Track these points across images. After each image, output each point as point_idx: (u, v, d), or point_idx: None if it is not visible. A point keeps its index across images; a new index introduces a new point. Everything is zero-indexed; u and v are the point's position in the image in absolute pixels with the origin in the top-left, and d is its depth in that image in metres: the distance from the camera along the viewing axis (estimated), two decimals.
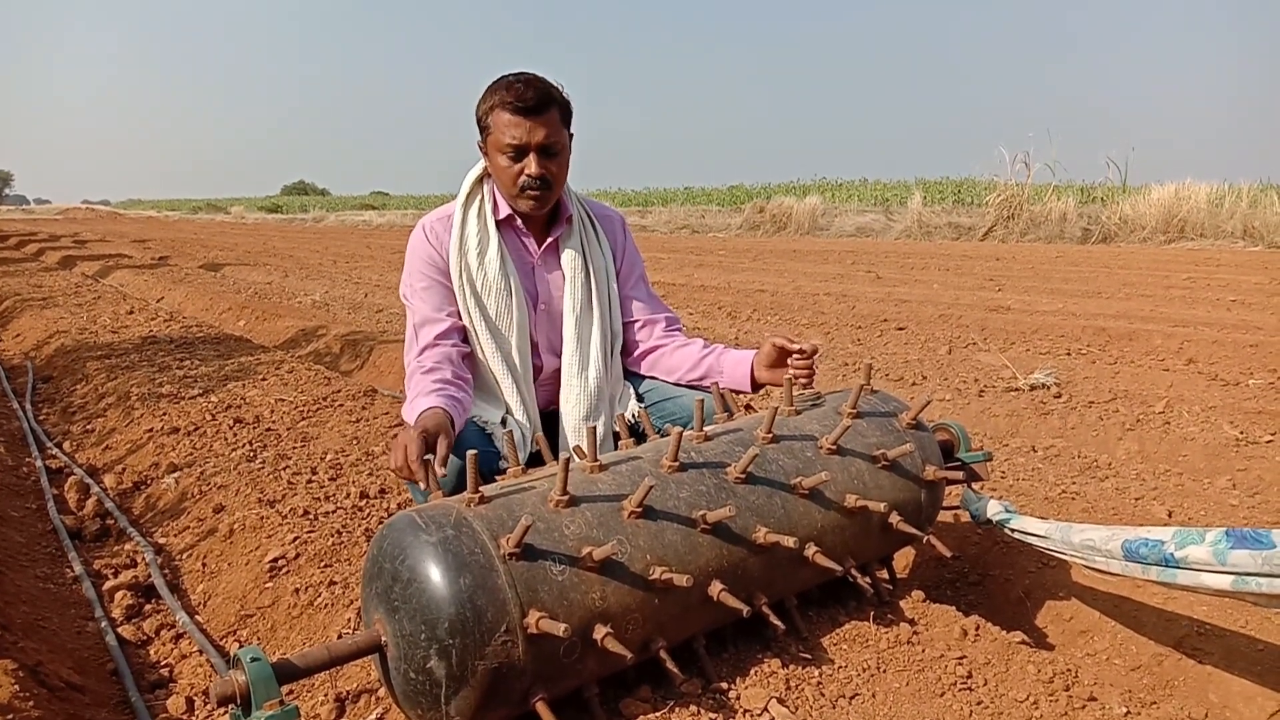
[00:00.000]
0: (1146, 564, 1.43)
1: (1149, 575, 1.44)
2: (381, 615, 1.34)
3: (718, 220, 21.63)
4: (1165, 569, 1.40)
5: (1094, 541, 1.54)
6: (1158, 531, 1.44)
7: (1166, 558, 1.39)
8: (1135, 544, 1.45)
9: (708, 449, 1.62)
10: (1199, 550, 1.33)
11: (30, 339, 5.95)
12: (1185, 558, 1.36)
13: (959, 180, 21.62)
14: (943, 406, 3.76)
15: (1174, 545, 1.38)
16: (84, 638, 2.05)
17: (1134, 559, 1.46)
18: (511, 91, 1.92)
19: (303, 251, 15.58)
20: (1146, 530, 1.47)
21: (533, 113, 1.92)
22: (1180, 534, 1.39)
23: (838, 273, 9.78)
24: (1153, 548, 1.42)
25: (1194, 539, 1.35)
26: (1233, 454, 3.02)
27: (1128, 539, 1.47)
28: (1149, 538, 1.44)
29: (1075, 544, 1.59)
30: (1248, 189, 13.59)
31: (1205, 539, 1.33)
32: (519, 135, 1.93)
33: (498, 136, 1.96)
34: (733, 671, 1.55)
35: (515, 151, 1.96)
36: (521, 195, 2.01)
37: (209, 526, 2.53)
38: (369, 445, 3.14)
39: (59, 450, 3.48)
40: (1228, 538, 1.30)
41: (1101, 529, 1.55)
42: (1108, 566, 1.53)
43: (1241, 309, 6.15)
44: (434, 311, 2.06)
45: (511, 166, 1.97)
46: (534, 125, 1.93)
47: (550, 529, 1.36)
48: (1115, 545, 1.49)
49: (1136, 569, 1.46)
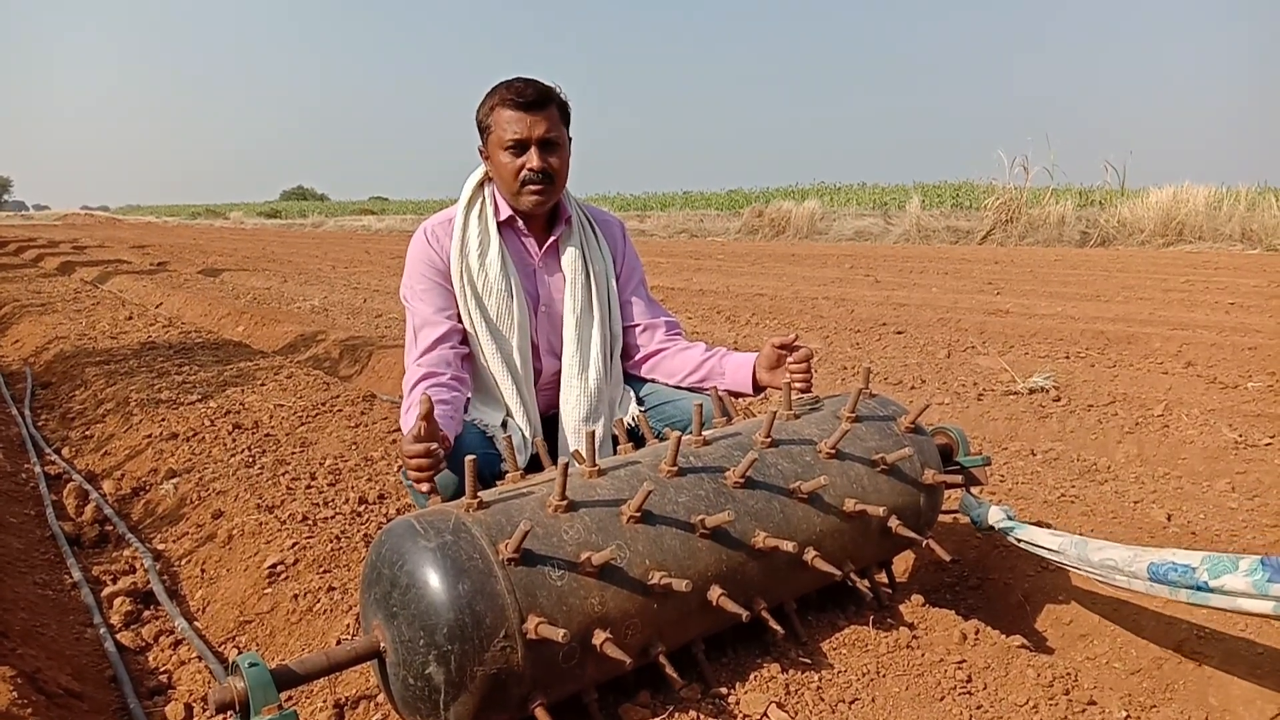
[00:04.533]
0: (1175, 587, 1.41)
1: (1177, 597, 1.42)
2: (380, 621, 1.34)
3: (716, 224, 21.67)
4: (1196, 593, 1.38)
5: (1115, 562, 1.52)
6: (1185, 555, 1.41)
7: (1199, 585, 1.37)
8: (1163, 568, 1.43)
9: (706, 453, 1.62)
10: (1236, 580, 1.31)
11: (29, 345, 5.95)
12: (1221, 586, 1.33)
13: (957, 184, 21.63)
14: (942, 410, 3.76)
15: (1206, 573, 1.36)
16: (82, 644, 2.05)
17: (1161, 582, 1.43)
18: (511, 89, 1.96)
19: (301, 257, 15.59)
20: (1172, 553, 1.44)
21: (533, 108, 1.96)
22: (1210, 560, 1.36)
23: (836, 277, 9.79)
24: (1182, 573, 1.39)
25: (1227, 567, 1.33)
26: (1231, 457, 3.02)
27: (1153, 561, 1.45)
28: (1176, 562, 1.41)
29: (1094, 562, 1.57)
30: (1246, 192, 13.61)
31: (1239, 567, 1.31)
32: (520, 130, 1.96)
33: (499, 134, 1.98)
34: (732, 676, 1.55)
35: (517, 146, 1.98)
36: (523, 190, 2.02)
37: (208, 532, 2.53)
38: (368, 450, 3.14)
39: (58, 456, 3.47)
40: (1264, 567, 1.28)
41: (1123, 549, 1.53)
42: (1130, 585, 1.51)
43: (1240, 312, 6.16)
44: (434, 314, 2.06)
45: (513, 162, 1.99)
46: (535, 120, 1.96)
47: (549, 534, 1.36)
48: (1140, 567, 1.47)
49: (1163, 590, 1.44)
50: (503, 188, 2.07)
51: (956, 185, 21.57)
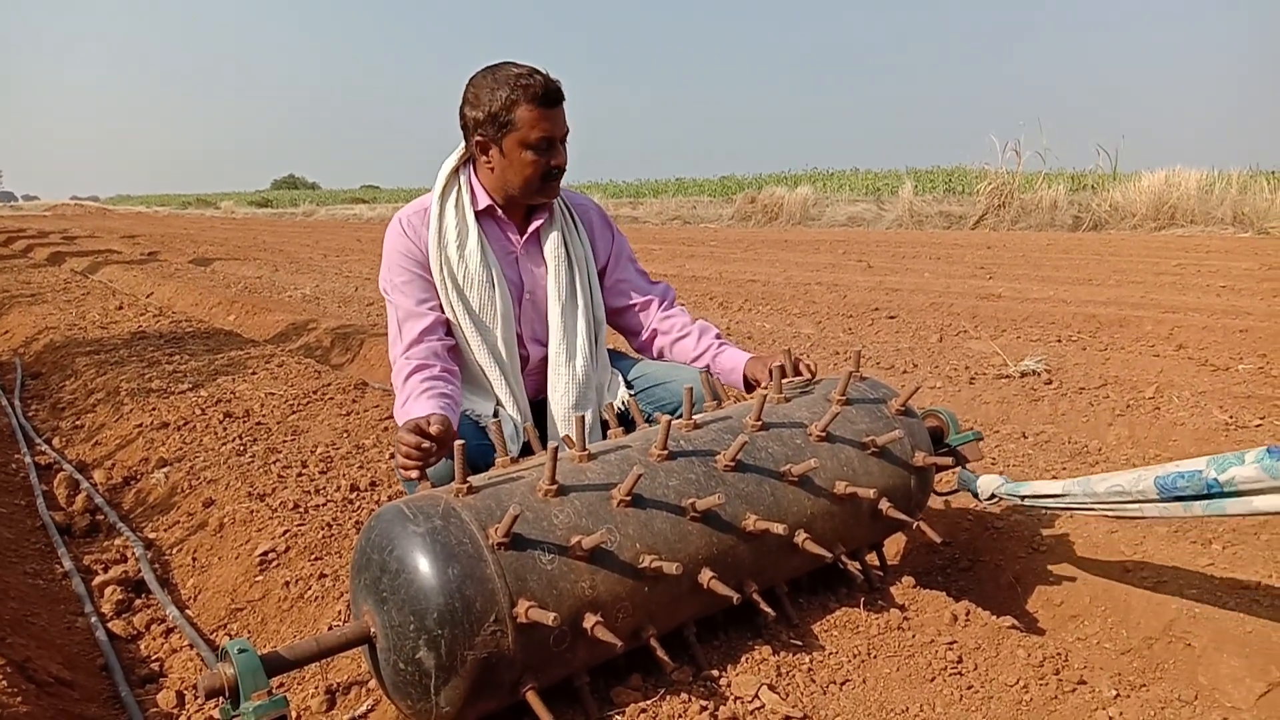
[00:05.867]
0: (1187, 499, 1.37)
1: (1192, 511, 1.37)
2: (370, 606, 1.34)
3: (709, 211, 21.61)
4: (1211, 500, 1.33)
5: (1122, 486, 1.47)
6: (1190, 463, 1.37)
7: (1209, 484, 1.32)
8: (1170, 478, 1.38)
9: (697, 437, 1.62)
10: (1244, 470, 1.27)
11: (19, 335, 5.92)
12: (1231, 480, 1.29)
13: (950, 169, 21.60)
14: (934, 394, 3.77)
15: (1214, 470, 1.31)
16: (74, 633, 2.05)
17: (1172, 495, 1.39)
18: (534, 83, 1.90)
19: (293, 246, 15.51)
20: (1176, 464, 1.40)
21: (556, 103, 1.93)
22: (1216, 460, 1.32)
23: (829, 262, 9.78)
24: (1190, 478, 1.34)
25: (1233, 461, 1.29)
26: (1222, 438, 3.03)
27: (1159, 475, 1.40)
28: (1183, 469, 1.37)
29: (1100, 493, 1.52)
30: (1237, 175, 13.61)
31: (1246, 459, 1.27)
32: (549, 129, 1.93)
33: (524, 132, 1.92)
34: (723, 659, 1.55)
35: (546, 144, 1.94)
36: (545, 187, 2.00)
37: (199, 521, 2.52)
38: (359, 438, 3.13)
39: (48, 446, 3.46)
40: (1270, 454, 1.24)
41: (1126, 473, 1.49)
42: (1142, 511, 1.46)
43: (1231, 295, 6.17)
44: (416, 306, 2.03)
45: (538, 159, 1.95)
46: (559, 116, 1.95)
47: (539, 518, 1.35)
48: (1148, 484, 1.42)
49: (1178, 507, 1.39)
50: (516, 182, 2.00)
51: (949, 170, 21.55)
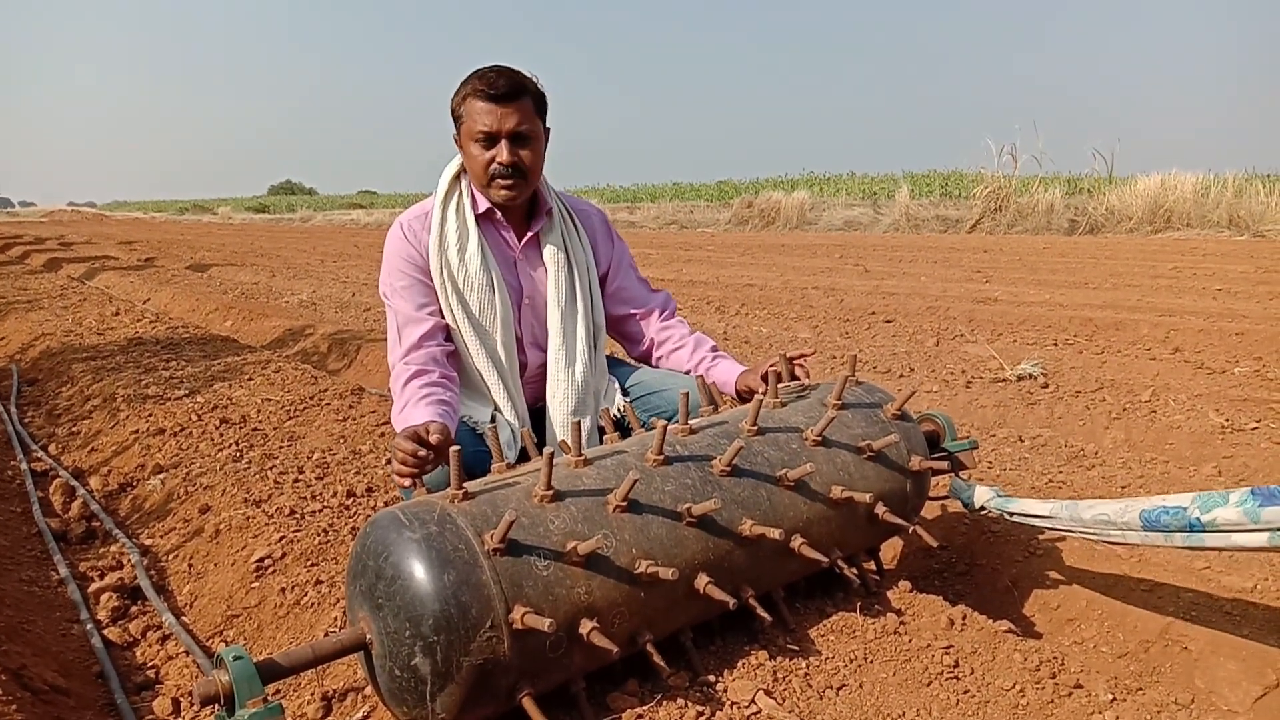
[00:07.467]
0: (1169, 532, 1.40)
1: (1173, 543, 1.41)
2: (366, 613, 1.33)
3: (706, 215, 21.63)
4: (1191, 534, 1.37)
5: (1108, 515, 1.51)
6: (1176, 498, 1.41)
7: (1191, 523, 1.36)
8: (1154, 513, 1.42)
9: (693, 442, 1.62)
10: (1227, 512, 1.31)
11: (15, 342, 5.90)
12: (1213, 521, 1.33)
13: (946, 173, 21.65)
14: (930, 398, 3.77)
15: (1198, 510, 1.35)
16: (69, 640, 2.04)
17: (1155, 528, 1.43)
18: (484, 80, 1.92)
19: (290, 251, 15.51)
20: (1162, 499, 1.44)
21: (504, 99, 1.92)
22: (1201, 498, 1.36)
23: (826, 266, 9.79)
24: (1174, 515, 1.38)
25: (1218, 501, 1.33)
26: (1219, 441, 3.03)
27: (1145, 509, 1.44)
28: (1168, 505, 1.41)
29: (1086, 520, 1.56)
30: (1233, 178, 13.63)
31: (1230, 500, 1.31)
32: (490, 122, 1.93)
33: (470, 125, 1.95)
34: (720, 664, 1.55)
35: (487, 139, 1.95)
36: (492, 184, 1.99)
37: (195, 527, 2.51)
38: (356, 444, 3.13)
39: (44, 453, 3.45)
40: (1254, 496, 1.28)
41: (1113, 502, 1.53)
42: (1124, 539, 1.51)
43: (1227, 298, 6.18)
44: (416, 311, 2.02)
45: (483, 154, 1.96)
46: (505, 112, 1.93)
47: (535, 524, 1.35)
48: (1133, 516, 1.46)
49: (1158, 538, 1.43)
50: (473, 180, 2.04)
51: (945, 174, 21.60)
